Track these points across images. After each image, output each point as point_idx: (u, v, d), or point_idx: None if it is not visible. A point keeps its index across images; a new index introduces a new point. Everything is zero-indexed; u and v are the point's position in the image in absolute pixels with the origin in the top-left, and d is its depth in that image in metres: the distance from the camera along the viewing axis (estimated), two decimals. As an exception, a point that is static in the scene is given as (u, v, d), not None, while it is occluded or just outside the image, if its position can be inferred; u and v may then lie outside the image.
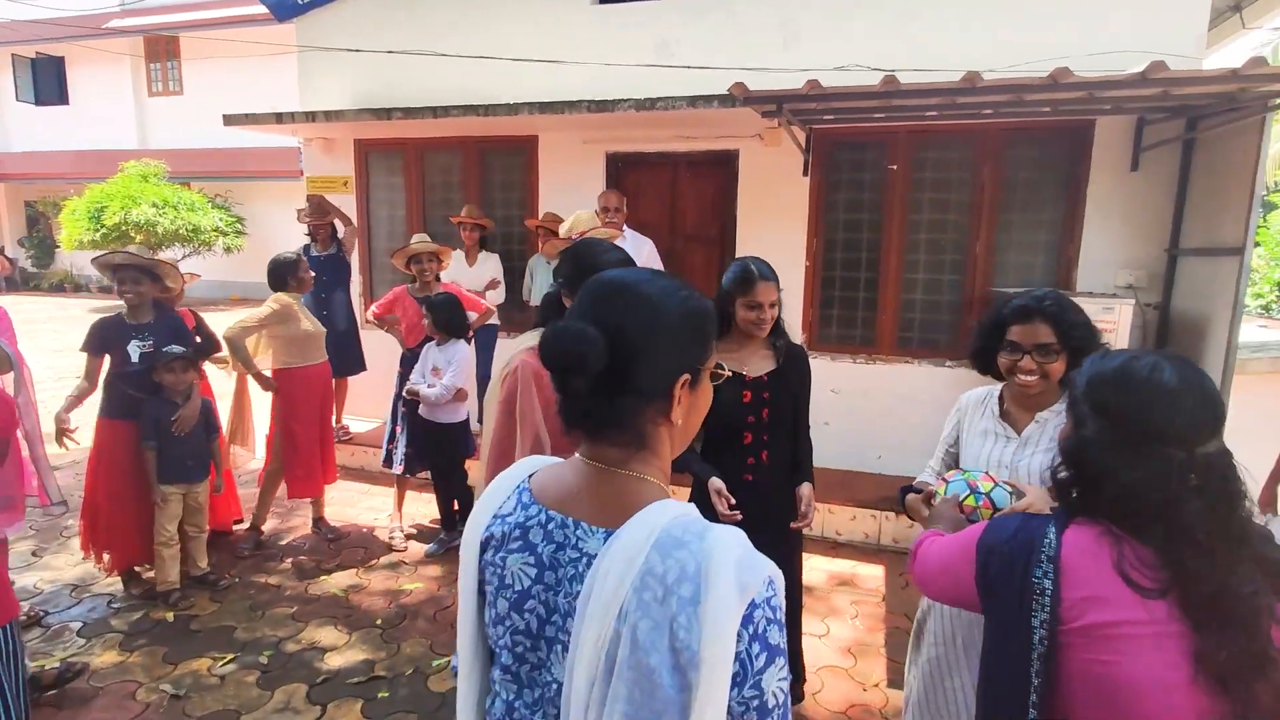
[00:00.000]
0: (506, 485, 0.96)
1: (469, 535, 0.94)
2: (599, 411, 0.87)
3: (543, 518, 0.90)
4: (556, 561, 0.87)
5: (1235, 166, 3.57)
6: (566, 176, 5.42)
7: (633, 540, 0.80)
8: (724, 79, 4.71)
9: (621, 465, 0.88)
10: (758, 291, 2.29)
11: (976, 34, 4.37)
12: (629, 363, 0.84)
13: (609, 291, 0.89)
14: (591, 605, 0.79)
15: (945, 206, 4.69)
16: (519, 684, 0.90)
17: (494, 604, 0.91)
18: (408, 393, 3.95)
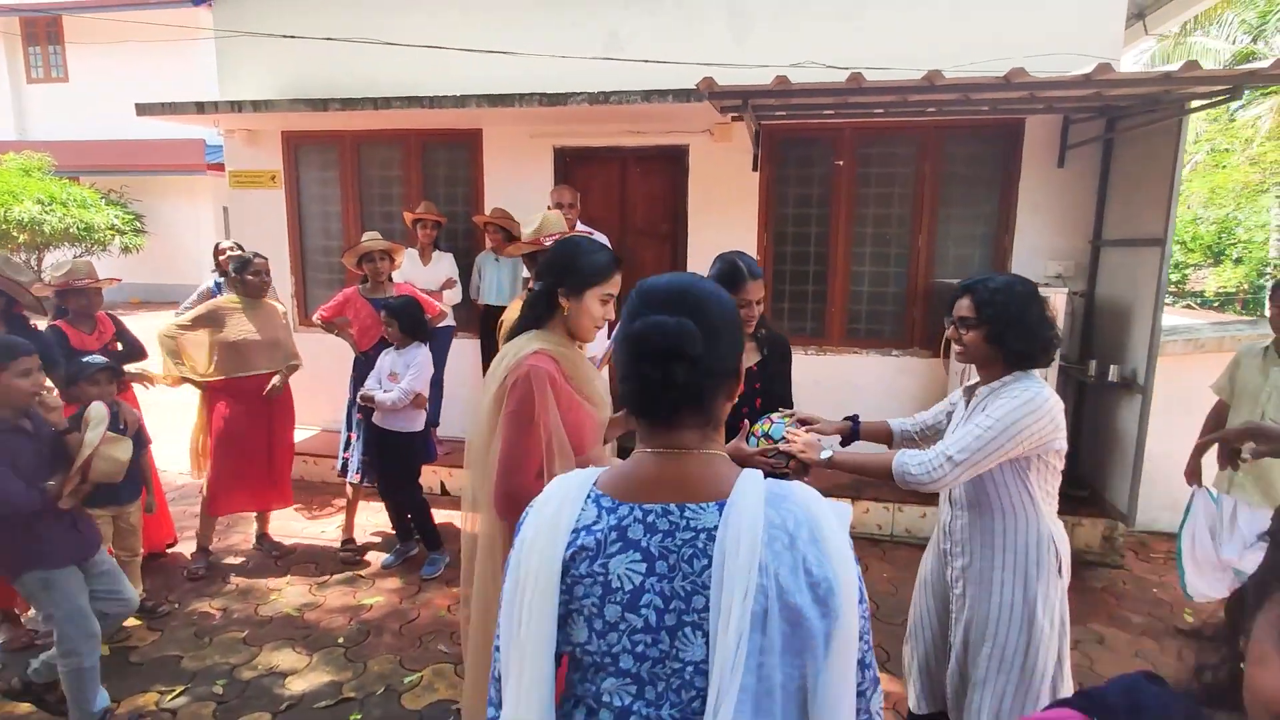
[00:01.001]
0: (571, 498, 0.96)
1: (544, 557, 0.92)
2: (689, 394, 0.94)
3: (639, 513, 0.92)
4: (666, 550, 0.90)
5: (1155, 163, 3.84)
6: (513, 171, 5.29)
7: (749, 502, 0.88)
8: (673, 73, 4.72)
9: (698, 447, 0.96)
10: (746, 289, 2.31)
11: (917, 33, 4.54)
12: (712, 347, 0.94)
13: (678, 290, 0.98)
14: (731, 566, 0.85)
15: (889, 201, 4.85)
16: (639, 684, 0.91)
17: (598, 615, 0.92)
18: (362, 398, 3.76)
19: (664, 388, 0.93)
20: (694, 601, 0.88)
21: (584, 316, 1.81)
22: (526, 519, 0.99)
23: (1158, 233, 3.80)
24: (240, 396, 3.86)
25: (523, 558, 0.94)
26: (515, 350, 1.75)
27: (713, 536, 0.88)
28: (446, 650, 3.26)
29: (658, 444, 0.97)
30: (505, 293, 5.04)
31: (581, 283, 1.79)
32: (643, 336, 0.93)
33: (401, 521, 4.08)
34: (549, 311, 1.82)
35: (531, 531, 0.95)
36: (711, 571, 0.87)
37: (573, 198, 4.57)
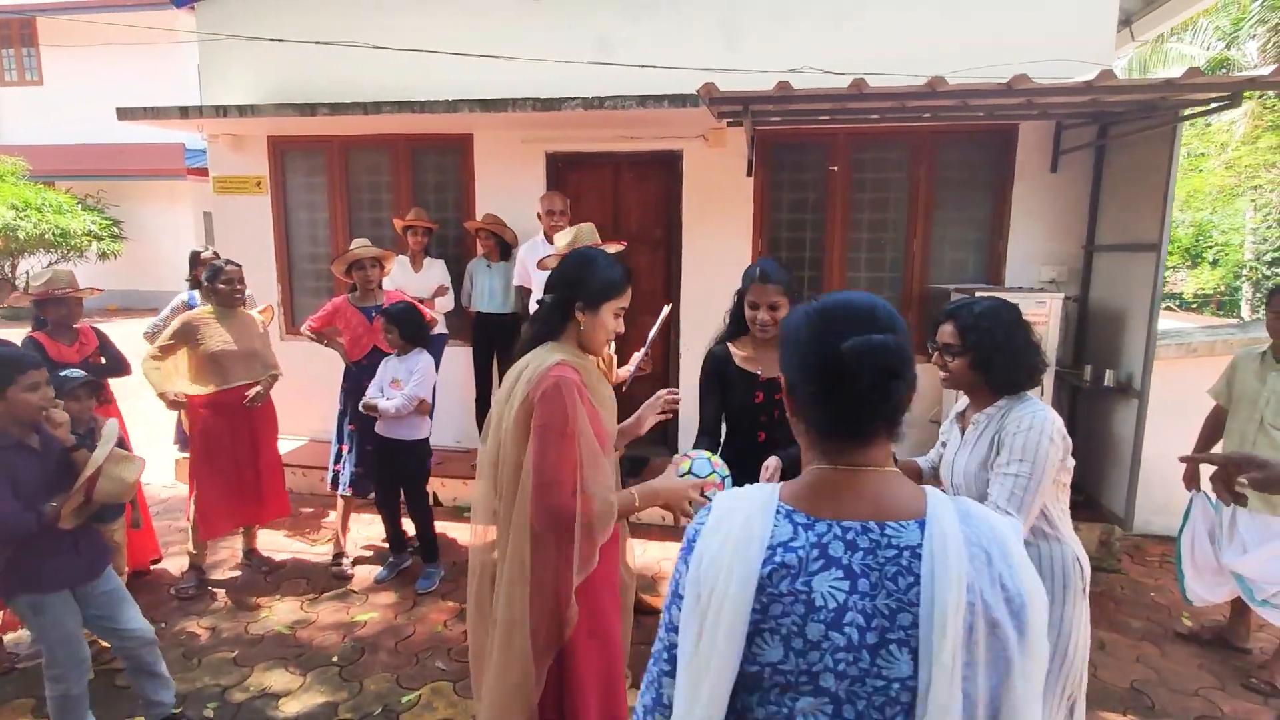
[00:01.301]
0: (759, 512, 0.96)
1: (739, 574, 0.91)
2: (892, 411, 0.96)
3: (838, 530, 0.93)
4: (868, 567, 0.91)
5: (1149, 169, 3.86)
6: (504, 177, 5.23)
7: (948, 520, 0.91)
8: (666, 78, 4.69)
9: (883, 464, 0.98)
10: (755, 290, 2.32)
11: (911, 39, 4.54)
12: (910, 366, 0.97)
13: (869, 308, 1.00)
14: (941, 584, 0.87)
15: (884, 206, 4.85)
16: (836, 703, 0.90)
17: (798, 634, 0.90)
18: (364, 407, 3.68)
19: (877, 407, 0.95)
20: (899, 619, 0.89)
21: (599, 330, 1.79)
22: (702, 532, 0.98)
23: (1153, 238, 3.81)
24: (221, 410, 3.74)
25: (705, 573, 0.93)
26: (536, 362, 1.70)
27: (917, 554, 0.90)
28: (444, 667, 3.19)
29: (848, 461, 0.97)
30: (498, 300, 4.98)
31: (598, 296, 1.77)
32: (862, 355, 0.93)
33: (397, 533, 4.00)
34: (562, 324, 1.79)
35: (716, 546, 0.94)
36: (920, 589, 0.88)
37: (563, 204, 4.52)
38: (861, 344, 0.94)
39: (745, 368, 2.42)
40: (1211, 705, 2.99)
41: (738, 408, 2.41)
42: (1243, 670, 3.21)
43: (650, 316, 5.32)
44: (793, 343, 1.03)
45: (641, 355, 3.29)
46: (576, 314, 1.76)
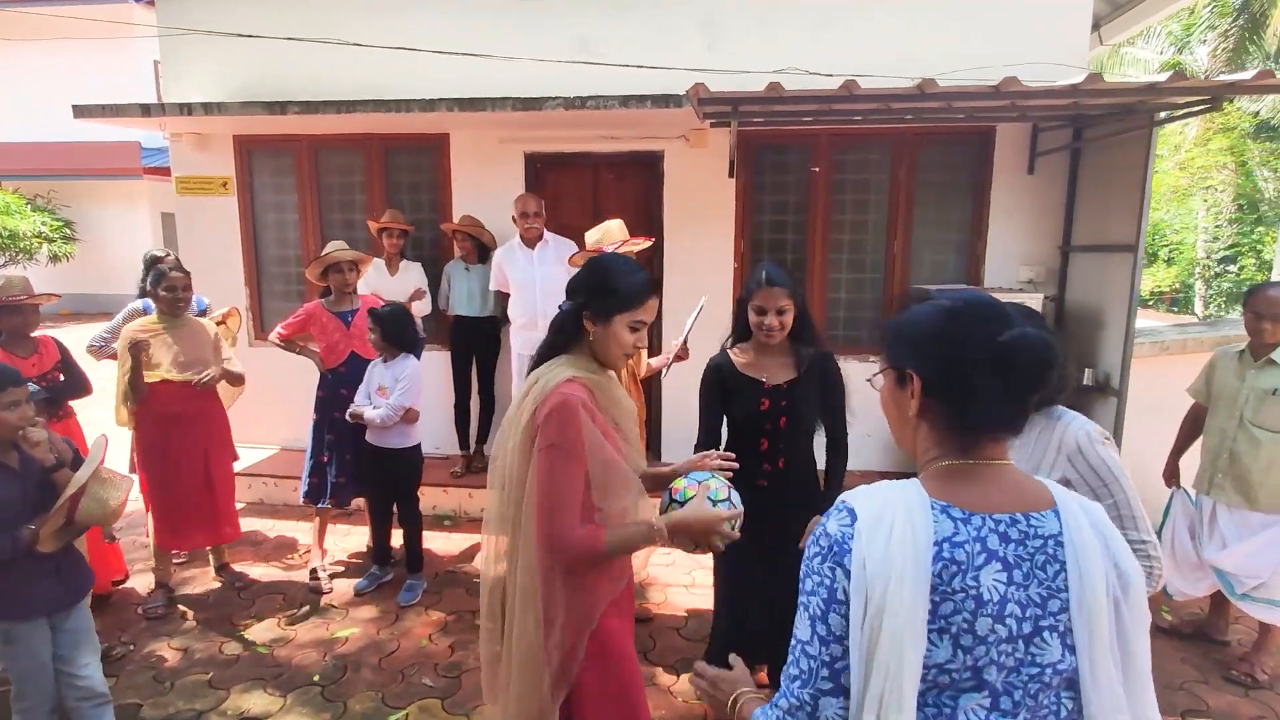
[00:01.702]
0: (918, 509, 0.95)
1: (911, 574, 0.90)
2: (1029, 407, 0.99)
3: (991, 523, 0.95)
4: (1020, 558, 0.94)
5: (1125, 171, 3.92)
6: (482, 177, 5.12)
7: (1076, 507, 0.98)
8: (644, 78, 4.63)
9: (1007, 457, 1.01)
10: (761, 295, 2.26)
11: (889, 41, 4.55)
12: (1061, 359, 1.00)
13: (1002, 305, 1.01)
14: (1087, 569, 0.92)
15: (865, 207, 4.86)
16: (994, 695, 0.92)
17: (967, 630, 0.91)
18: (351, 416, 3.55)
19: (1031, 398, 0.97)
20: (1049, 605, 0.93)
21: (611, 344, 1.66)
22: (858, 534, 0.95)
23: (1129, 239, 3.88)
24: (171, 423, 3.55)
25: (873, 577, 0.91)
26: (545, 378, 1.61)
27: (1059, 542, 0.95)
28: (431, 684, 3.09)
29: (984, 455, 1.00)
30: (476, 303, 4.88)
31: (610, 307, 1.64)
32: (1025, 347, 0.94)
33: (385, 545, 3.88)
34: (576, 334, 1.68)
35: (881, 547, 0.92)
36: (1067, 576, 0.93)
37: (537, 206, 4.43)
38: (1020, 335, 0.94)
39: (749, 374, 2.38)
40: (1197, 699, 3.03)
41: (741, 416, 2.35)
42: (1223, 663, 3.28)
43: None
44: (933, 339, 1.01)
45: (680, 344, 3.27)
46: (587, 325, 1.65)
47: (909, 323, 1.06)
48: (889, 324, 1.11)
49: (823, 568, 0.96)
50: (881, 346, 1.12)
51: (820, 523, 1.01)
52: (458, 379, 5.04)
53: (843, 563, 0.94)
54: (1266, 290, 3.09)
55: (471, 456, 5.12)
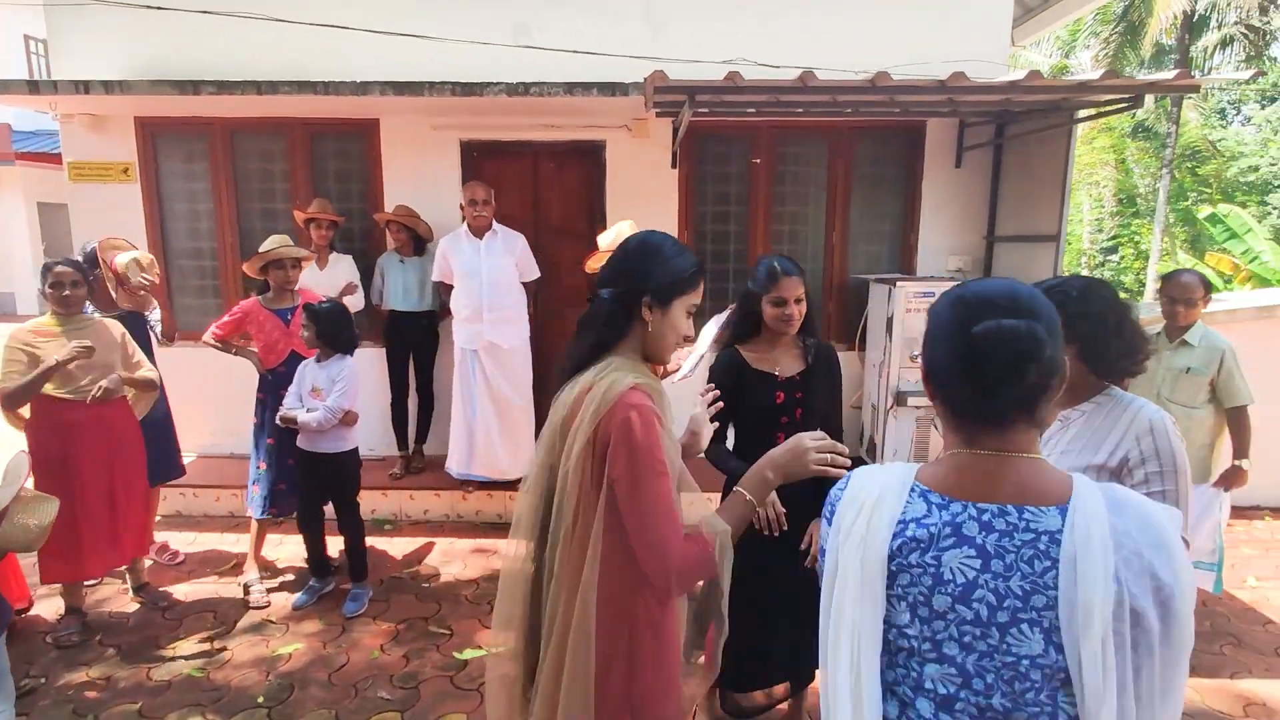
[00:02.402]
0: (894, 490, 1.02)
1: (869, 546, 0.99)
2: (1031, 396, 0.96)
3: (973, 511, 0.97)
4: (1003, 549, 0.94)
5: (1047, 166, 4.16)
6: (415, 165, 4.91)
7: (1094, 509, 0.92)
8: (582, 64, 4.55)
9: (1027, 450, 0.99)
10: (782, 287, 2.23)
11: (826, 36, 4.64)
12: (1055, 349, 0.97)
13: (1010, 293, 0.98)
14: (1086, 572, 0.89)
15: (804, 199, 4.96)
16: (964, 675, 0.96)
17: (924, 603, 0.97)
18: (282, 420, 3.32)
19: (1010, 391, 0.96)
20: (1033, 600, 0.93)
21: (669, 332, 1.48)
22: (840, 502, 1.06)
23: (1052, 230, 4.11)
24: (68, 433, 3.20)
25: (842, 543, 1.02)
26: (605, 385, 1.38)
27: (1055, 540, 0.93)
28: (388, 696, 2.94)
29: (987, 445, 0.99)
30: (413, 298, 4.68)
31: (671, 290, 1.46)
32: (996, 339, 0.94)
33: (321, 555, 3.66)
34: (626, 326, 1.47)
35: (851, 517, 1.02)
36: (1058, 574, 0.91)
37: (486, 194, 4.30)
38: (992, 328, 0.94)
39: (761, 369, 2.35)
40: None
41: (756, 411, 2.31)
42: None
43: (572, 308, 5.21)
44: (933, 329, 1.04)
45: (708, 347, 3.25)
46: (644, 313, 1.45)
47: (930, 310, 1.09)
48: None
49: (822, 522, 1.13)
50: None
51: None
52: (394, 377, 4.83)
53: (829, 519, 1.09)
54: (1180, 276, 3.34)
55: (410, 457, 4.92)
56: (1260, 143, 25.37)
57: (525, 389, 4.54)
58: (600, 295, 1.50)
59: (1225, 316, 4.53)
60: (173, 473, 3.94)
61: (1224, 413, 3.31)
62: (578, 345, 1.51)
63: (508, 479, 4.54)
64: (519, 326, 4.47)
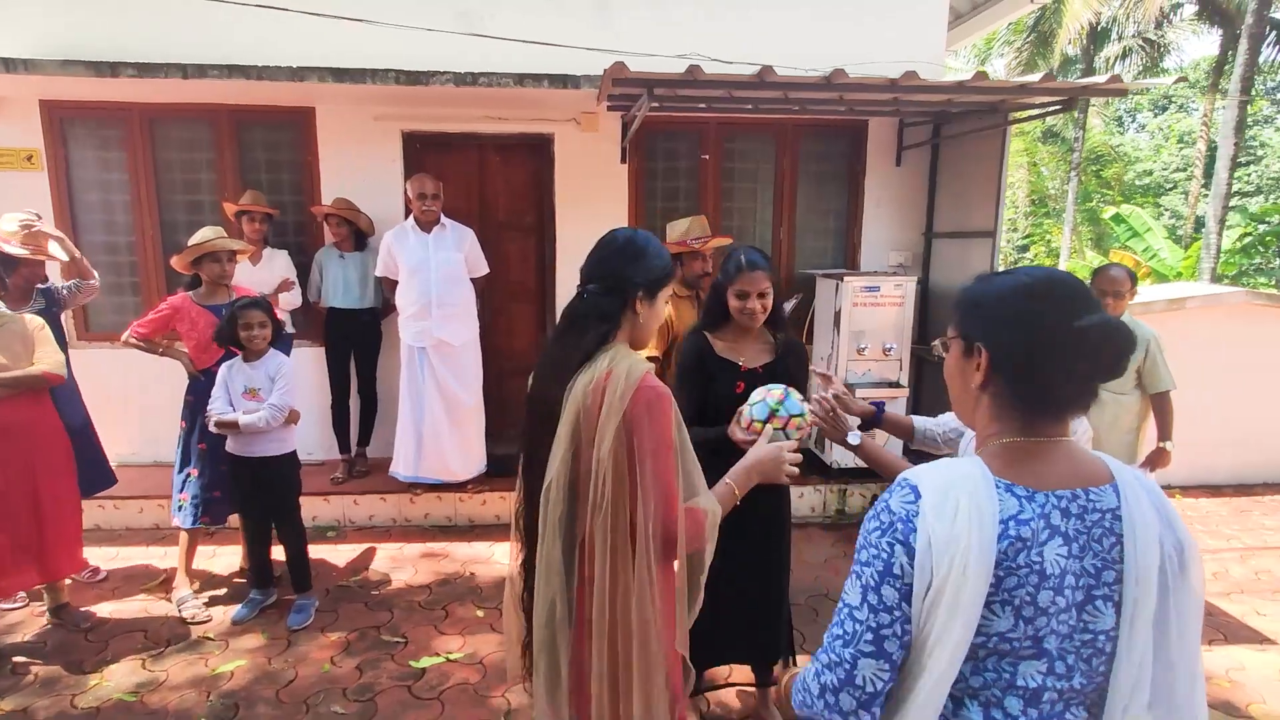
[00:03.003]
0: (982, 487, 0.98)
1: (975, 556, 0.93)
2: (1096, 389, 1.01)
3: (1055, 500, 0.98)
4: (1078, 532, 0.97)
5: (982, 165, 4.34)
6: (355, 157, 4.71)
7: (1133, 483, 1.00)
8: (529, 54, 4.45)
9: (1068, 434, 1.03)
10: (745, 280, 2.25)
11: (773, 34, 4.70)
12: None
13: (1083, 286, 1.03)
14: (1143, 541, 0.96)
15: (752, 195, 5.01)
16: (1049, 660, 0.97)
17: (1030, 603, 0.95)
18: (218, 426, 3.11)
19: (1096, 383, 0.99)
20: (1104, 576, 0.97)
21: (654, 321, 1.63)
22: (922, 513, 0.98)
23: (988, 226, 4.29)
24: None
25: (939, 557, 0.95)
26: (622, 370, 1.48)
27: (1117, 516, 0.98)
28: (343, 710, 2.81)
29: (1047, 433, 1.01)
30: (354, 294, 4.49)
31: (657, 283, 1.60)
32: (1104, 333, 0.97)
33: (265, 565, 3.47)
34: (620, 318, 1.57)
35: (947, 527, 0.95)
36: (1124, 548, 0.96)
37: (436, 188, 4.17)
38: (1099, 323, 0.96)
39: (726, 357, 2.35)
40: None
41: (718, 399, 2.32)
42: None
43: (520, 304, 5.12)
44: (1009, 316, 1.02)
45: None
46: (637, 305, 1.57)
47: (985, 294, 1.07)
48: (965, 290, 1.11)
49: (881, 542, 0.99)
50: (954, 311, 1.12)
51: (882, 498, 1.03)
52: (335, 376, 4.62)
53: (906, 540, 0.97)
54: (1109, 270, 3.53)
55: (353, 460, 4.73)
56: (1153, 148, 27.34)
57: (475, 387, 4.43)
58: (591, 290, 1.58)
59: (1141, 309, 4.84)
60: (103, 481, 3.67)
61: (1149, 398, 3.52)
62: (583, 338, 1.56)
63: (457, 481, 4.42)
64: (468, 323, 4.35)
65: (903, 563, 0.97)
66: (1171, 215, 21.95)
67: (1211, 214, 11.03)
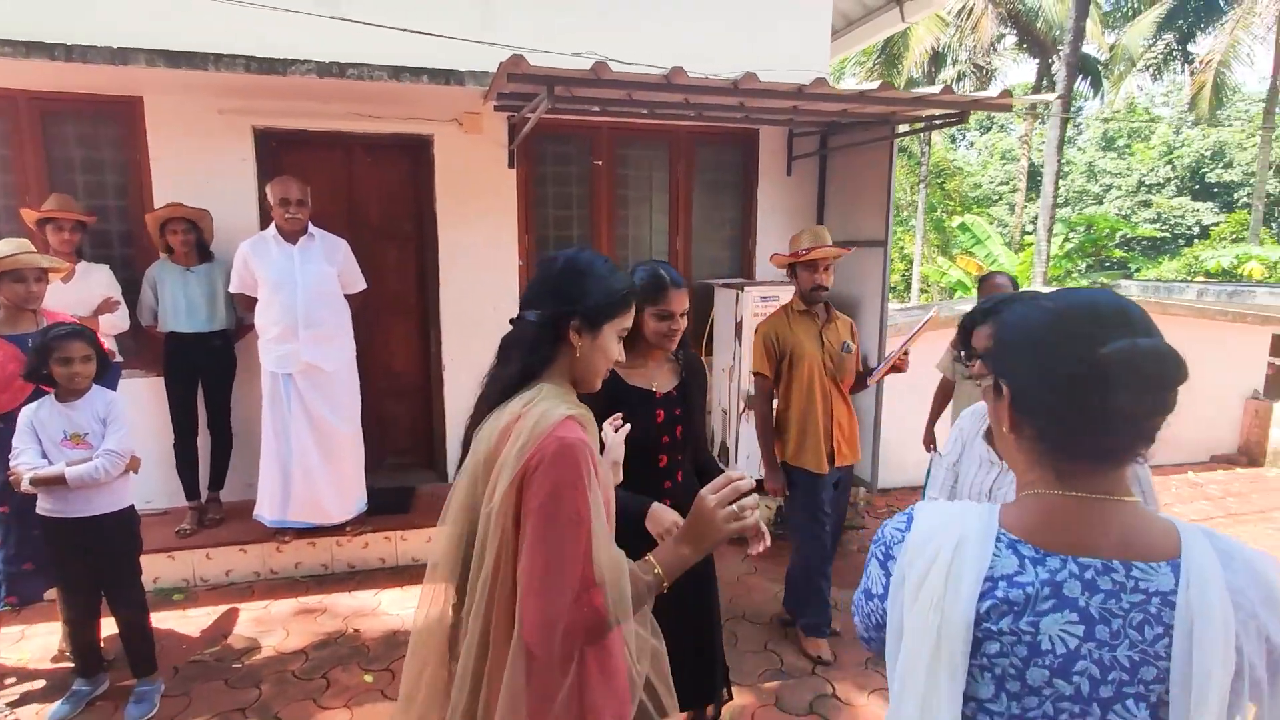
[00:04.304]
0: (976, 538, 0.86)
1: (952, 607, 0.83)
2: (1152, 429, 0.83)
3: (1075, 567, 0.82)
4: (1109, 613, 0.81)
5: (870, 176, 4.42)
6: (194, 156, 4.07)
7: (1209, 566, 0.80)
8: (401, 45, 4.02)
9: (1125, 493, 0.85)
10: (669, 300, 2.05)
11: (666, 40, 4.55)
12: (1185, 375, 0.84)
13: (1123, 307, 0.85)
14: (1204, 640, 0.77)
15: (647, 203, 4.85)
16: None
17: (1015, 677, 0.83)
18: (34, 482, 2.48)
19: (1136, 423, 0.82)
20: (1141, 672, 0.80)
21: (598, 358, 1.37)
22: (906, 549, 0.91)
23: (878, 235, 4.37)
24: None
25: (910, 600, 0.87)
26: (535, 415, 1.23)
27: (1169, 602, 0.80)
28: (203, 824, 2.32)
29: (1088, 488, 0.85)
30: (200, 314, 3.86)
31: (601, 314, 1.34)
32: (1131, 362, 0.79)
33: (94, 648, 2.83)
34: (553, 351, 1.33)
35: (922, 569, 0.86)
36: (1171, 643, 0.79)
37: (302, 193, 3.67)
38: (1127, 349, 0.79)
39: (639, 385, 2.12)
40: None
41: (636, 432, 2.08)
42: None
43: (399, 320, 4.66)
44: (1029, 348, 0.88)
45: (899, 352, 3.05)
46: (572, 337, 1.33)
47: (1008, 323, 0.93)
48: (998, 320, 0.97)
49: (871, 561, 0.99)
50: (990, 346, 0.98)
51: (886, 520, 1.01)
52: (178, 411, 3.96)
53: (886, 566, 0.96)
54: (994, 278, 3.67)
55: (204, 507, 4.07)
56: (981, 164, 30.36)
57: (353, 416, 3.94)
58: (525, 317, 1.35)
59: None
60: None
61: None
62: (503, 372, 1.35)
63: (334, 523, 3.91)
64: (343, 345, 3.86)
65: (882, 584, 0.96)
66: (999, 224, 24.37)
67: (1042, 223, 12.24)
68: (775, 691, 3.04)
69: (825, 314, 3.24)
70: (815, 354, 3.14)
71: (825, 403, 3.15)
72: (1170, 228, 24.97)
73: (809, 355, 3.14)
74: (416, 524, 4.11)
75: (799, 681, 3.13)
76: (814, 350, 3.15)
